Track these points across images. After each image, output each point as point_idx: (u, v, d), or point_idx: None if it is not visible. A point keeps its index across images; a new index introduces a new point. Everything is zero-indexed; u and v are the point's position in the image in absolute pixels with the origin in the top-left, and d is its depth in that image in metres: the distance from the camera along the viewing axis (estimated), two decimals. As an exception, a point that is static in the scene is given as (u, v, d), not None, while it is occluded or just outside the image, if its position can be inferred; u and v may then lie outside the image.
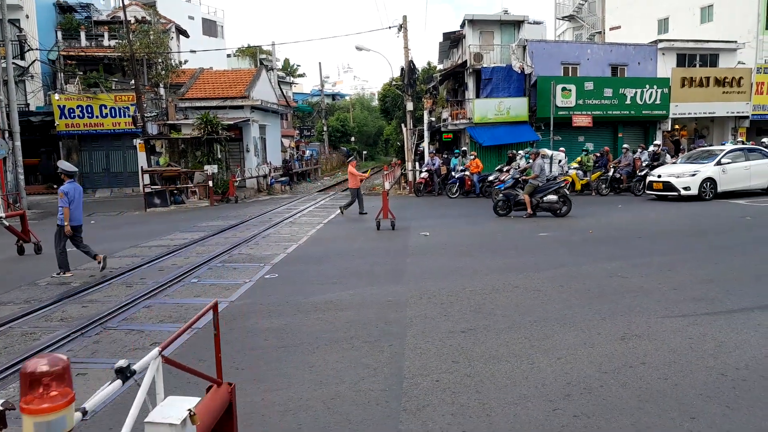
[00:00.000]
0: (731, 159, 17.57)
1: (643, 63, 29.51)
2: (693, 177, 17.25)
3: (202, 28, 52.06)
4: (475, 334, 5.50)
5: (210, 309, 3.01)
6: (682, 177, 17.36)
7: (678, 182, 17.36)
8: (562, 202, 14.65)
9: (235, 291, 7.70)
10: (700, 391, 4.09)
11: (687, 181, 17.22)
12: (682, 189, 17.18)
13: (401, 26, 25.86)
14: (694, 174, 17.30)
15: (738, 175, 17.52)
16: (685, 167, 18.19)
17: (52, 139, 27.58)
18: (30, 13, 28.33)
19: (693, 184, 17.16)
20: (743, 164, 17.62)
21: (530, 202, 14.59)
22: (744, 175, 17.56)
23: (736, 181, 17.50)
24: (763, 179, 17.81)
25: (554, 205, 14.58)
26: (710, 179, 17.21)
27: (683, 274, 7.74)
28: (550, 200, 14.64)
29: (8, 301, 7.58)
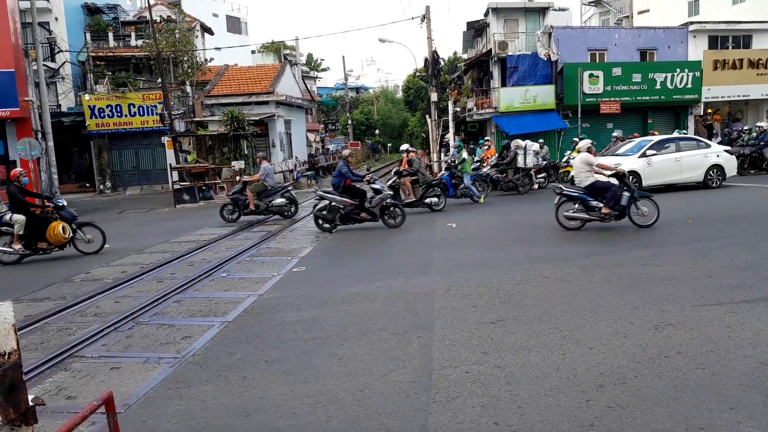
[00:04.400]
0: (658, 150, 15.88)
1: (673, 47, 28.80)
2: None
3: (226, 25, 52.47)
4: (504, 325, 5.44)
5: (96, 409, 2.01)
6: None
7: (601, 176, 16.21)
8: None
9: (263, 284, 7.76)
10: (739, 380, 3.97)
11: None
12: None
13: (424, 17, 25.66)
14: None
15: (666, 168, 15.81)
16: (608, 160, 16.38)
17: (83, 138, 28.15)
18: (59, 16, 28.88)
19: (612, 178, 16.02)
20: (672, 156, 15.93)
21: None
22: (673, 167, 15.87)
23: (664, 174, 15.82)
24: (696, 171, 16.01)
25: None
26: (633, 173, 15.23)
27: (718, 262, 7.53)
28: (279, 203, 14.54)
29: (44, 297, 7.76)
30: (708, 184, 15.99)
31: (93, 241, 11.05)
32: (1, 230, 10.55)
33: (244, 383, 4.50)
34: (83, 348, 5.54)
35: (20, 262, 10.71)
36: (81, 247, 10.99)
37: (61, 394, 4.50)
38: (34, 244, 10.60)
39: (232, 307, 6.68)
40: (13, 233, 10.41)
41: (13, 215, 10.41)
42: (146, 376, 4.78)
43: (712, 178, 16.05)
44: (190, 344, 5.47)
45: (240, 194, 14.41)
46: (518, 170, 18.15)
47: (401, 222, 12.06)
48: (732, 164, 16.62)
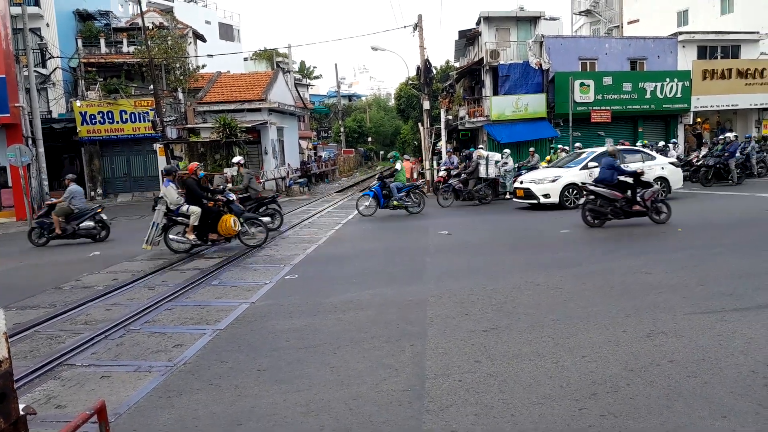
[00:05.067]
0: (600, 162, 15.27)
1: (662, 56, 29.09)
2: (553, 183, 15.49)
3: (218, 32, 52.56)
4: (497, 333, 5.44)
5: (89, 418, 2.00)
6: (542, 183, 15.64)
7: (537, 189, 15.55)
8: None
9: (256, 292, 7.72)
10: (731, 388, 3.99)
11: (547, 188, 15.46)
12: (541, 196, 15.43)
13: (416, 25, 25.80)
14: (555, 180, 15.54)
15: None
16: (548, 172, 16.52)
17: (74, 145, 28.02)
18: (50, 22, 28.78)
19: (553, 191, 15.38)
20: None
21: None
22: None
23: None
24: None
25: None
26: (575, 186, 15.18)
27: (709, 270, 7.58)
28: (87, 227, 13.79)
29: (34, 305, 7.69)
30: None
31: (257, 236, 11.53)
32: (177, 220, 11.07)
33: (236, 392, 4.47)
34: (73, 356, 5.49)
35: (188, 252, 11.19)
36: (246, 241, 11.40)
37: (50, 402, 4.45)
38: (206, 235, 11.07)
39: (224, 315, 6.64)
40: (187, 224, 10.91)
41: (189, 207, 10.88)
42: (137, 384, 4.74)
43: None
44: (181, 352, 5.43)
45: (45, 218, 13.66)
46: (480, 180, 18.09)
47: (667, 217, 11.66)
48: (677, 177, 16.28)
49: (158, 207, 11.26)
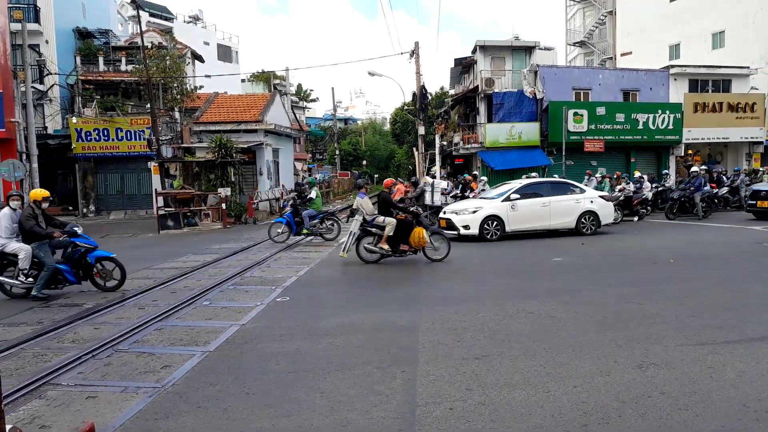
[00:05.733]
0: (524, 195, 15.21)
1: (655, 88, 29.56)
2: (474, 214, 15.01)
3: (217, 53, 53.04)
4: (489, 361, 5.42)
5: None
6: (462, 214, 15.16)
7: (458, 220, 15.05)
8: None
9: (246, 314, 7.67)
10: (722, 422, 3.98)
11: (467, 219, 14.98)
12: (461, 228, 14.94)
13: (413, 52, 26.14)
14: (476, 211, 15.10)
15: (532, 213, 15.10)
16: (470, 203, 16.24)
17: (68, 161, 27.98)
18: (50, 39, 28.96)
19: (473, 222, 14.89)
20: (540, 200, 15.20)
21: None
22: (540, 212, 15.14)
23: (530, 219, 15.12)
24: (568, 217, 15.36)
25: None
26: (495, 217, 14.92)
27: (700, 302, 7.61)
28: None
29: (21, 322, 7.59)
30: (581, 231, 15.39)
31: (439, 249, 11.73)
32: (371, 231, 11.56)
33: (224, 415, 4.41)
34: (59, 375, 5.41)
35: (377, 263, 11.58)
36: (429, 254, 11.67)
37: (34, 423, 4.37)
38: (398, 246, 11.47)
39: (214, 337, 6.58)
40: (381, 234, 11.38)
41: (386, 218, 11.38)
42: (123, 405, 4.67)
43: (585, 225, 15.44)
44: (170, 374, 5.37)
45: None
46: (425, 207, 17.79)
47: None
48: (607, 211, 15.94)
49: (356, 217, 11.83)
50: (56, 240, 9.09)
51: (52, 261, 8.93)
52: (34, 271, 8.98)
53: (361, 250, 11.72)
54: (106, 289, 9.37)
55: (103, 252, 9.46)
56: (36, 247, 8.88)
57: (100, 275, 9.37)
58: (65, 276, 9.09)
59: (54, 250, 9.18)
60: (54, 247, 9.15)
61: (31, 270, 8.95)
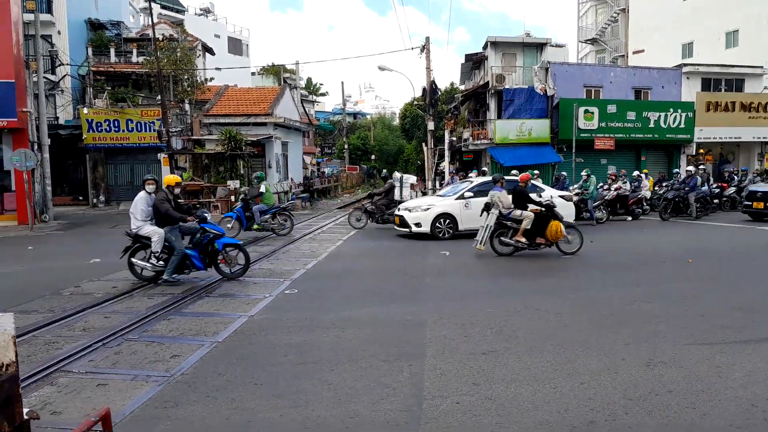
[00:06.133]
0: (479, 193, 14.71)
1: (667, 87, 29.33)
2: (426, 212, 14.72)
3: (227, 46, 53.13)
4: (495, 357, 5.43)
5: (93, 425, 1.99)
6: (415, 211, 14.88)
7: (410, 217, 14.80)
8: None
9: (255, 305, 7.71)
10: (730, 421, 3.98)
11: (419, 217, 14.68)
12: (413, 225, 14.66)
13: (424, 47, 26.06)
14: (428, 208, 14.81)
15: None
16: (423, 200, 16.01)
17: (79, 151, 28.15)
18: (62, 30, 29.12)
19: (425, 220, 14.61)
20: None
21: None
22: None
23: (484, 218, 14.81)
24: None
25: None
26: (447, 215, 14.66)
27: (709, 301, 7.58)
28: None
29: (32, 309, 7.67)
30: None
31: (573, 242, 11.73)
32: (507, 224, 11.68)
33: (233, 405, 4.45)
34: (70, 363, 5.47)
35: (512, 255, 11.73)
36: (562, 247, 11.73)
37: (46, 408, 4.42)
38: (534, 239, 11.51)
39: (223, 328, 6.63)
40: (516, 228, 11.51)
41: (523, 212, 11.50)
42: (133, 393, 4.72)
43: None
44: (179, 363, 5.42)
45: None
46: (394, 203, 17.63)
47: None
48: (567, 211, 14.89)
49: (492, 211, 11.85)
50: (186, 225, 9.23)
51: (182, 246, 9.10)
52: (164, 255, 9.15)
53: (495, 243, 11.85)
54: (230, 276, 9.42)
55: (229, 239, 9.56)
56: (168, 231, 9.06)
57: (226, 261, 9.44)
58: (192, 261, 9.20)
59: (182, 236, 9.32)
60: (182, 232, 9.30)
61: (161, 254, 9.13)
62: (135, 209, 9.22)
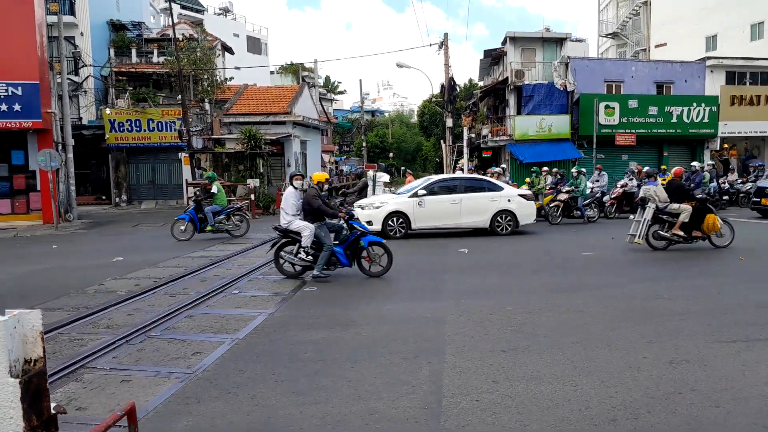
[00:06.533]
0: (434, 191, 14.54)
1: (690, 81, 28.86)
2: (377, 210, 14.32)
3: (246, 45, 53.46)
4: (516, 354, 5.40)
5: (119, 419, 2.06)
6: (368, 209, 14.47)
7: (362, 215, 13.96)
8: None
9: (275, 303, 7.77)
10: (754, 420, 3.91)
11: (370, 214, 14.19)
12: (365, 223, 14.20)
13: (442, 43, 25.97)
14: (379, 206, 14.41)
15: (441, 210, 14.35)
16: (378, 198, 15.53)
17: (102, 151, 28.59)
18: (84, 31, 29.58)
19: (376, 217, 14.14)
20: (450, 197, 14.45)
21: None
22: (450, 210, 14.36)
23: (438, 217, 14.40)
24: (481, 216, 14.53)
25: None
26: (399, 213, 14.23)
27: (732, 298, 7.46)
28: None
29: (57, 307, 7.82)
30: (495, 231, 14.55)
31: (725, 236, 11.51)
32: (663, 218, 11.46)
33: (253, 402, 4.49)
34: (95, 359, 5.57)
35: (666, 249, 11.52)
36: (715, 241, 11.49)
37: (71, 404, 4.51)
38: (690, 232, 11.34)
39: (243, 325, 6.69)
40: (672, 222, 11.32)
41: (681, 205, 11.29)
42: (156, 390, 4.79)
43: (501, 225, 14.60)
44: (200, 360, 5.48)
45: None
46: None
47: None
48: (527, 210, 14.98)
49: (648, 205, 11.67)
50: (332, 222, 9.31)
51: (331, 242, 9.14)
52: (311, 251, 9.21)
53: (650, 237, 11.65)
54: (372, 274, 9.39)
55: (374, 237, 9.55)
56: (317, 227, 9.13)
57: (370, 259, 9.41)
58: (338, 258, 9.22)
59: None
60: (329, 229, 9.34)
61: (309, 249, 9.19)
62: (286, 204, 9.32)
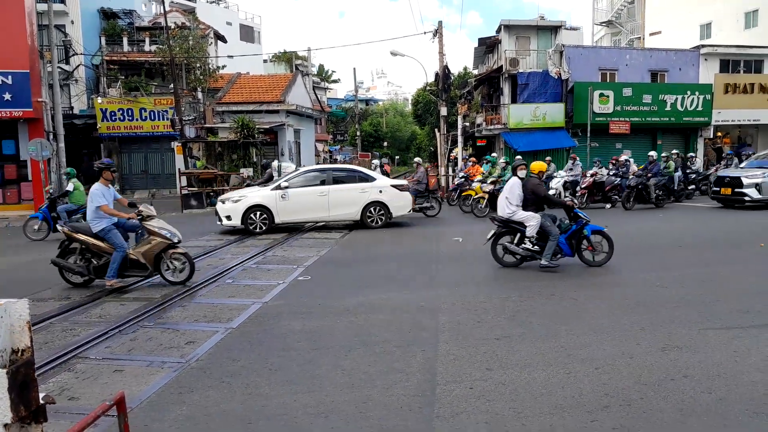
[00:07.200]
0: (298, 182, 13.99)
1: (684, 69, 28.84)
2: (236, 204, 13.69)
3: (239, 33, 53.01)
4: (509, 342, 5.41)
5: (108, 409, 2.03)
6: (228, 203, 13.86)
7: (221, 209, 13.81)
8: None
9: (268, 292, 7.76)
10: (746, 406, 3.93)
11: (229, 209, 13.66)
12: (224, 218, 13.69)
13: (436, 32, 25.84)
14: (238, 200, 13.78)
15: (307, 203, 13.76)
16: (241, 191, 14.95)
17: (94, 141, 28.36)
18: (75, 19, 29.23)
19: (234, 212, 13.55)
20: (317, 190, 13.86)
21: None
22: (317, 203, 13.78)
23: (304, 210, 13.84)
24: (350, 209, 14.03)
25: None
26: (261, 207, 13.61)
27: (725, 286, 7.49)
28: None
29: (49, 297, 7.78)
30: (367, 224, 14.09)
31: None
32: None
33: (247, 391, 4.49)
34: (87, 349, 5.55)
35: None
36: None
37: (64, 394, 4.49)
38: None
39: (237, 314, 6.68)
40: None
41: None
42: (149, 379, 4.78)
43: (373, 217, 14.13)
44: (193, 349, 5.47)
45: None
46: None
47: None
48: (401, 202, 14.38)
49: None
50: (549, 213, 9.08)
51: (557, 231, 8.89)
52: (534, 240, 8.96)
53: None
54: (595, 263, 9.01)
55: (596, 226, 9.16)
56: (543, 217, 8.90)
57: (593, 248, 9.10)
58: (560, 248, 8.96)
59: None
60: None
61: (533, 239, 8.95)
62: (511, 195, 9.03)
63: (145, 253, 8.18)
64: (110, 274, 7.99)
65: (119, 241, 8.15)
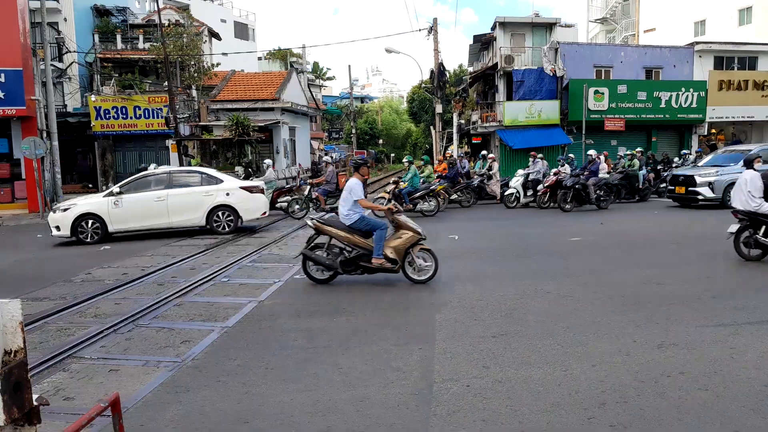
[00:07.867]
0: (132, 188, 12.98)
1: (678, 66, 28.90)
2: (65, 213, 12.66)
3: (234, 31, 52.79)
4: (506, 340, 5.41)
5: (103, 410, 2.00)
6: (58, 212, 12.83)
7: (51, 219, 12.82)
8: None
9: (264, 290, 7.73)
10: (743, 403, 3.94)
11: (57, 218, 12.63)
12: (54, 228, 12.65)
13: (431, 29, 25.83)
14: (67, 209, 12.74)
15: (144, 210, 12.80)
16: (71, 200, 13.81)
17: (88, 139, 28.19)
18: (68, 17, 29.02)
19: (63, 221, 12.52)
20: (154, 194, 12.86)
21: None
22: (155, 209, 12.81)
23: (141, 217, 12.84)
24: (193, 214, 13.07)
25: None
26: (92, 215, 12.57)
27: (721, 283, 7.51)
28: None
29: (44, 296, 7.74)
30: (215, 229, 13.22)
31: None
32: None
33: (243, 390, 4.47)
34: (82, 349, 5.51)
35: None
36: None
37: (59, 394, 4.46)
38: None
39: (233, 313, 6.65)
40: None
41: None
42: (145, 379, 4.75)
43: (220, 222, 13.24)
44: (189, 348, 5.44)
45: None
46: None
47: None
48: (250, 205, 13.43)
49: None
50: None
51: None
52: None
53: None
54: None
55: None
56: None
57: None
58: None
59: None
60: None
61: None
62: (753, 188, 8.55)
63: (396, 248, 7.93)
64: (377, 253, 7.77)
65: (375, 221, 8.05)
